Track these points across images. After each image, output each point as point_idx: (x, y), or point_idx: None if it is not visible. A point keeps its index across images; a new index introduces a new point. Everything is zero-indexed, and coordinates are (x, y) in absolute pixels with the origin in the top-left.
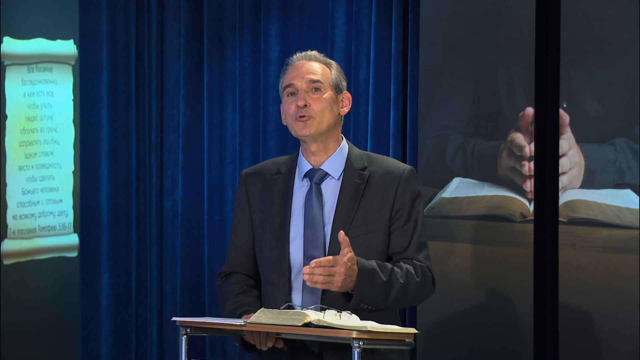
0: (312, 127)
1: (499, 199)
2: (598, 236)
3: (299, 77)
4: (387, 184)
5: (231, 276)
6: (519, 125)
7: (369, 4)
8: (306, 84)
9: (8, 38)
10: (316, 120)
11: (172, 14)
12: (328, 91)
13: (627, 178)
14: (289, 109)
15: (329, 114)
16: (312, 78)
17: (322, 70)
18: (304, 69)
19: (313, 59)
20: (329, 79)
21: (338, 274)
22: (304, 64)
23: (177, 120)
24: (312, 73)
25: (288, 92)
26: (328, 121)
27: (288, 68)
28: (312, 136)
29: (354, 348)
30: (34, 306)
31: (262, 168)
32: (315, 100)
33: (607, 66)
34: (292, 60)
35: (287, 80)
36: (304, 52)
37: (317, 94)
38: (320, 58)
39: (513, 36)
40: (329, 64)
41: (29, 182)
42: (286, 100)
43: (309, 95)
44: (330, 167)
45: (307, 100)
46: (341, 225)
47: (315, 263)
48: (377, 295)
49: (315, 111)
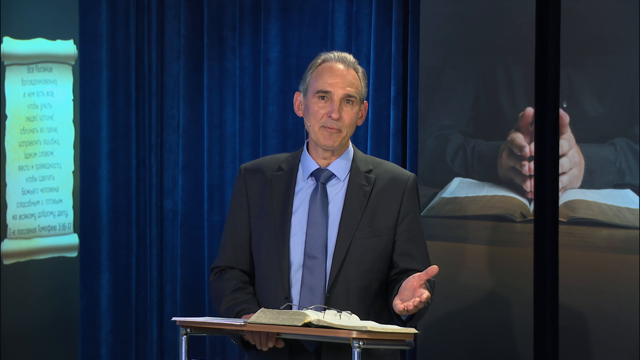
0: (337, 140)
1: (499, 199)
2: (598, 236)
3: (337, 86)
4: (393, 189)
5: (225, 271)
6: (519, 125)
7: (369, 4)
8: (343, 95)
9: (8, 38)
10: (343, 133)
11: (172, 14)
12: (357, 104)
13: (627, 178)
14: (317, 113)
15: (353, 127)
16: (349, 92)
17: (357, 82)
18: (343, 78)
19: (351, 65)
20: (361, 91)
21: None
22: (343, 70)
23: (177, 120)
24: (350, 85)
25: (320, 95)
26: (350, 133)
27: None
28: (334, 148)
29: (354, 348)
30: (34, 306)
31: (262, 164)
32: (346, 113)
33: (607, 66)
34: (327, 59)
35: (321, 84)
36: (340, 53)
37: (349, 106)
38: (357, 65)
39: (513, 36)
40: (359, 72)
41: (28, 182)
42: (315, 102)
43: (342, 108)
44: (337, 169)
45: (340, 113)
46: (349, 226)
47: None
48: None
49: (345, 125)
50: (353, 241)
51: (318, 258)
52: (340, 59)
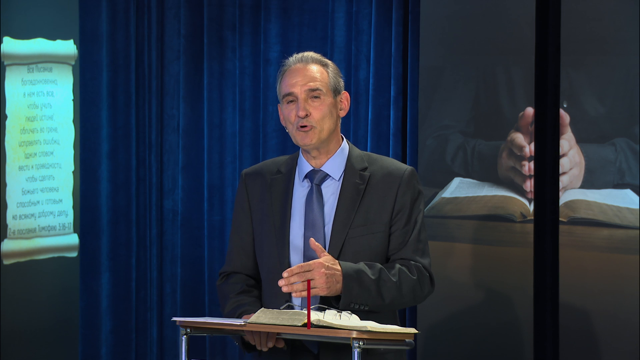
0: (314, 137)
1: (499, 199)
2: (598, 236)
3: (298, 85)
4: (388, 184)
5: (231, 276)
6: (519, 125)
7: (369, 4)
8: (305, 92)
9: (8, 38)
10: (317, 129)
11: (172, 14)
12: (327, 97)
13: (627, 178)
14: (289, 116)
15: (329, 120)
16: (311, 86)
17: (321, 75)
18: (302, 76)
19: (310, 61)
20: (327, 83)
21: (318, 276)
22: (301, 68)
23: (177, 120)
24: (311, 80)
25: (287, 100)
26: (329, 128)
27: (285, 72)
28: (313, 146)
29: (354, 348)
30: (34, 306)
31: (262, 168)
32: (315, 108)
33: (607, 66)
34: (288, 64)
35: (285, 88)
36: (300, 53)
37: (317, 101)
38: (317, 59)
39: (513, 36)
40: (325, 65)
41: (29, 182)
42: (286, 107)
43: (309, 104)
44: (330, 169)
45: (307, 109)
46: (342, 225)
47: (287, 272)
48: (367, 294)
49: (315, 120)
50: (346, 240)
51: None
52: (298, 59)
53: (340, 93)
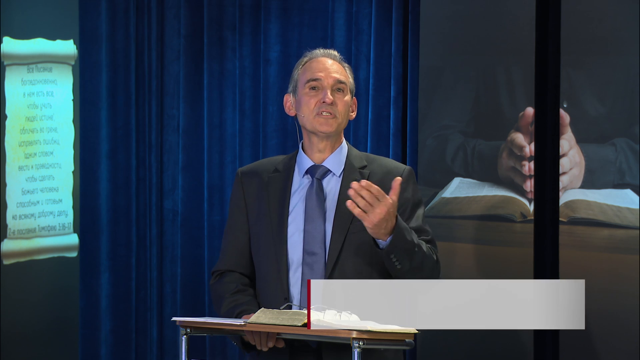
0: (334, 125)
1: (499, 199)
2: (598, 236)
3: (326, 72)
4: (388, 183)
5: (225, 275)
6: (519, 125)
7: (369, 4)
8: (333, 81)
9: (8, 38)
10: (338, 120)
11: (172, 14)
12: (348, 94)
13: (627, 178)
14: (310, 102)
15: (346, 117)
16: (339, 78)
17: (344, 72)
18: (331, 66)
19: (336, 58)
20: (349, 82)
21: (379, 210)
22: (328, 61)
23: (177, 120)
24: (338, 73)
25: (311, 85)
26: (345, 123)
27: (310, 61)
28: (330, 134)
29: (354, 348)
30: (34, 306)
31: (259, 166)
32: (339, 100)
33: (607, 66)
34: (314, 54)
35: (311, 74)
36: (325, 49)
37: (341, 94)
38: (340, 59)
39: (513, 36)
40: (346, 68)
41: (28, 182)
42: (307, 93)
43: (334, 94)
44: (331, 164)
45: (334, 98)
46: (344, 220)
47: (366, 184)
48: (405, 252)
49: (339, 111)
50: (348, 235)
51: (318, 254)
52: (325, 54)
53: (354, 96)
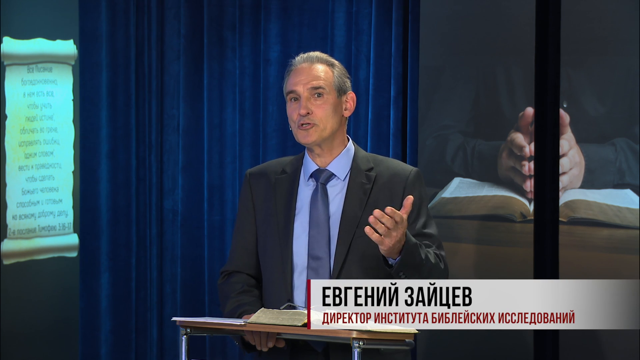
0: (315, 135)
1: (499, 199)
2: (598, 236)
3: (301, 83)
4: (394, 185)
5: (233, 275)
6: (519, 125)
7: (369, 4)
8: (308, 91)
9: (8, 38)
10: (319, 127)
11: (172, 14)
12: (331, 95)
13: (627, 178)
14: (292, 115)
15: (332, 119)
16: (314, 84)
17: (325, 74)
18: (306, 74)
19: (315, 60)
20: (332, 82)
21: (395, 235)
22: (306, 68)
23: (177, 120)
24: (315, 78)
25: (291, 97)
26: (332, 126)
27: (291, 71)
28: (314, 143)
29: (354, 348)
30: (34, 306)
31: (267, 168)
32: (318, 106)
33: (607, 66)
34: (294, 63)
35: (289, 86)
36: (307, 53)
37: (320, 99)
38: (323, 59)
39: (513, 36)
40: (331, 65)
41: (28, 182)
42: (289, 106)
43: (312, 102)
44: (336, 168)
45: (309, 107)
46: (349, 224)
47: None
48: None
49: (318, 118)
50: (354, 239)
51: (323, 258)
52: (304, 59)
53: (345, 93)
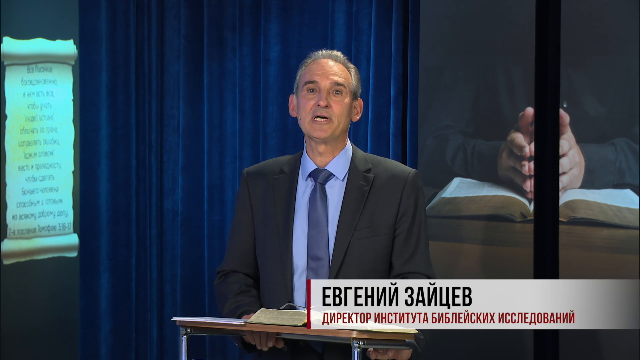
0: (329, 130)
1: (499, 199)
2: (598, 236)
3: (324, 75)
4: (392, 187)
5: (230, 275)
6: (519, 125)
7: (369, 4)
8: (330, 84)
9: (8, 38)
10: (334, 124)
11: (172, 14)
12: (348, 96)
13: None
14: (306, 105)
15: (345, 119)
16: (337, 80)
17: (345, 74)
18: (329, 69)
19: (338, 60)
20: (350, 84)
21: None
22: (328, 62)
23: (177, 120)
24: (336, 75)
25: (309, 87)
26: (343, 126)
27: (311, 62)
28: (325, 139)
29: (354, 348)
30: (34, 306)
31: (265, 167)
32: (336, 102)
33: (607, 66)
34: (316, 56)
35: (309, 76)
36: (329, 50)
37: (339, 96)
38: (343, 60)
39: (513, 36)
40: (350, 69)
41: (28, 182)
42: (305, 95)
43: (331, 97)
44: (335, 168)
45: (328, 101)
46: (347, 227)
47: None
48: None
49: (335, 114)
50: (351, 242)
51: (322, 259)
52: (328, 55)
53: (357, 98)
